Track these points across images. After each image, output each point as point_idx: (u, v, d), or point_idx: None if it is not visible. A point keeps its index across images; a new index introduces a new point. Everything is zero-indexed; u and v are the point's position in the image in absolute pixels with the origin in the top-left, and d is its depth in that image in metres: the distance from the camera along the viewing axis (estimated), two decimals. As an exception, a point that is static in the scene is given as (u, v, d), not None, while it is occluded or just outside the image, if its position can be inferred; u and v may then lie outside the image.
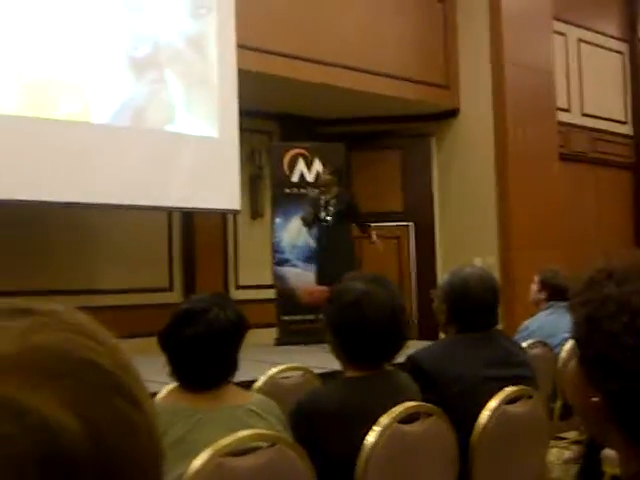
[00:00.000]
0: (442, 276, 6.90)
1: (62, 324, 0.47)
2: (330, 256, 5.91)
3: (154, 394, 2.27)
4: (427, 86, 7.34)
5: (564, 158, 7.88)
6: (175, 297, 6.45)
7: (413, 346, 2.62)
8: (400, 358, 2.23)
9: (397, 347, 2.05)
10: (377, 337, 2.00)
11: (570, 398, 0.96)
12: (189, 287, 6.70)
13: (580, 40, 8.64)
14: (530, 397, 2.37)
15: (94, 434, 0.42)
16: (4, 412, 0.40)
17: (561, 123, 7.87)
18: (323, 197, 6.13)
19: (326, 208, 6.08)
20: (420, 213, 7.96)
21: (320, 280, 5.91)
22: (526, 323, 3.98)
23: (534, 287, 4.14)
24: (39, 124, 5.01)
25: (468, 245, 7.29)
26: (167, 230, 6.81)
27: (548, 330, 3.73)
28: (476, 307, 2.49)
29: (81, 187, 5.14)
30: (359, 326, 2.00)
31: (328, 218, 6.05)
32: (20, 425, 0.40)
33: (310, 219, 6.13)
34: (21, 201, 5.00)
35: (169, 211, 6.46)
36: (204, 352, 1.81)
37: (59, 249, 5.99)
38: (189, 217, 6.77)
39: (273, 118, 7.47)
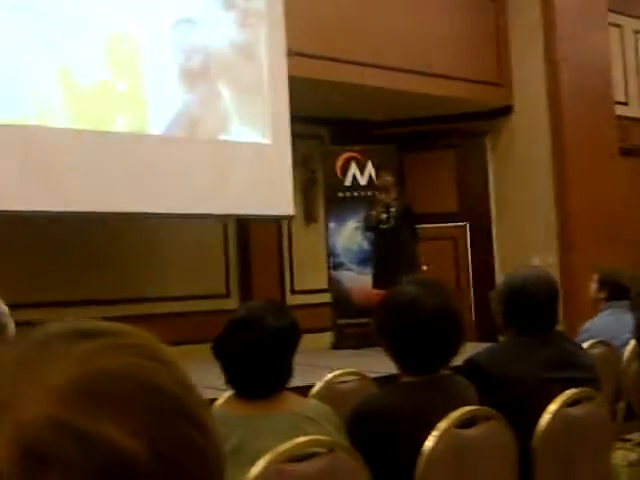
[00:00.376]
0: (500, 277, 6.82)
1: (125, 347, 0.46)
2: (390, 259, 5.85)
3: (213, 400, 2.30)
4: (480, 84, 7.26)
5: (624, 152, 7.69)
6: (232, 303, 6.52)
7: (471, 348, 2.59)
8: (458, 361, 2.21)
9: (451, 352, 2.03)
10: (429, 342, 1.98)
11: (633, 399, 0.94)
12: (246, 293, 6.77)
13: (636, 32, 8.42)
14: (592, 399, 2.32)
15: (162, 459, 0.42)
16: (71, 439, 0.40)
17: (619, 117, 7.68)
18: (383, 199, 6.10)
19: (387, 210, 6.05)
20: (476, 213, 7.87)
21: (377, 283, 5.88)
22: (587, 325, 3.87)
23: (593, 286, 4.04)
24: (97, 137, 5.14)
25: (526, 244, 7.18)
26: (223, 237, 6.89)
27: (610, 332, 3.63)
28: (534, 308, 2.45)
29: (138, 197, 5.25)
30: (410, 331, 1.99)
31: (390, 220, 6.01)
32: (88, 452, 0.40)
33: (374, 221, 6.10)
34: (82, 213, 5.13)
35: (225, 218, 6.53)
36: (258, 360, 1.82)
37: (118, 259, 6.12)
38: (244, 224, 6.84)
39: (325, 122, 7.49)
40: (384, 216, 6.02)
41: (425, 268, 6.28)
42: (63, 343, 0.45)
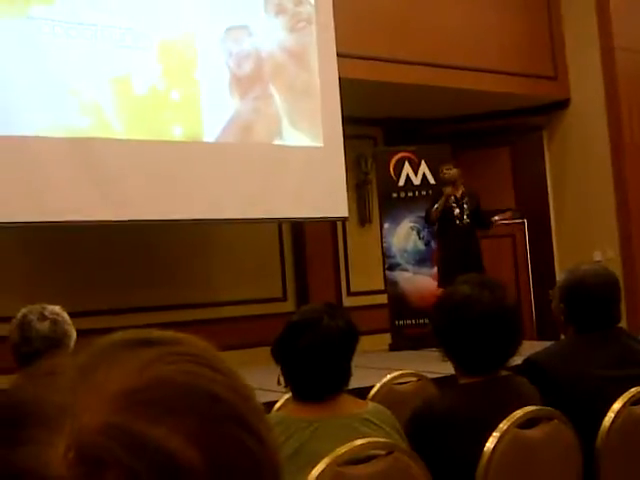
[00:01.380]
0: (560, 273, 6.69)
1: (182, 355, 0.47)
2: (462, 258, 5.52)
3: (271, 404, 2.32)
4: (534, 78, 7.15)
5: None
6: (289, 306, 6.56)
7: (533, 347, 2.56)
8: (518, 361, 2.18)
9: (508, 352, 1.99)
10: (484, 342, 1.95)
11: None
12: (302, 296, 6.80)
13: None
14: (658, 397, 2.26)
15: (218, 468, 0.42)
16: (129, 445, 0.41)
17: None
18: (450, 193, 5.77)
19: (460, 206, 5.77)
20: (534, 209, 7.75)
21: (444, 284, 5.23)
22: None
23: None
24: (153, 146, 5.24)
25: (586, 239, 7.04)
26: (278, 241, 6.94)
27: None
28: (594, 305, 2.40)
29: (193, 204, 5.33)
30: (463, 331, 1.96)
31: (464, 217, 5.73)
32: (144, 458, 0.40)
33: (434, 216, 5.76)
34: (140, 221, 5.24)
35: (280, 222, 6.58)
36: (317, 362, 1.83)
37: (175, 265, 6.22)
38: (299, 227, 6.87)
39: (377, 123, 7.48)
40: (457, 211, 5.73)
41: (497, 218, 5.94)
42: (122, 352, 0.46)
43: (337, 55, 5.94)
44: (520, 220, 7.81)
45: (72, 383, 0.45)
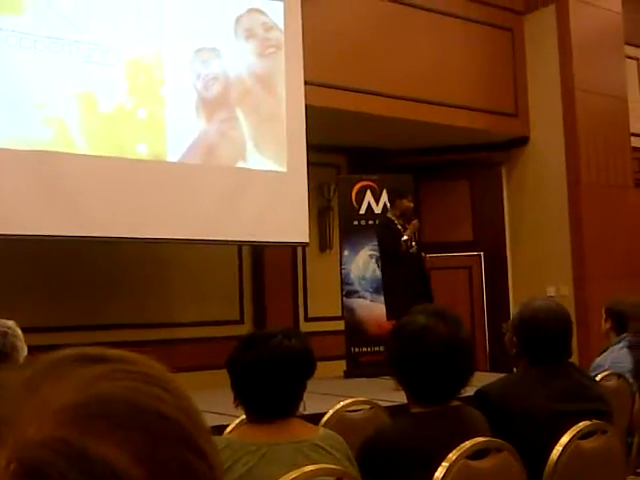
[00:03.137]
0: (514, 306, 6.76)
1: (129, 373, 0.46)
2: (411, 287, 5.50)
3: (224, 427, 2.31)
4: (496, 115, 7.30)
5: (639, 184, 7.68)
6: (245, 329, 6.50)
7: (484, 379, 2.59)
8: (470, 392, 2.20)
9: (461, 382, 2.01)
10: (437, 372, 1.96)
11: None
12: (259, 319, 6.78)
13: (653, 64, 8.44)
14: (605, 432, 2.30)
15: None
16: (73, 460, 0.40)
17: (636, 149, 7.68)
18: (402, 224, 5.72)
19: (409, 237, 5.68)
20: (491, 242, 7.87)
21: (393, 314, 5.39)
22: (598, 361, 3.73)
23: (603, 318, 3.93)
24: (115, 163, 5.21)
25: (541, 274, 7.15)
26: (237, 264, 6.92)
27: (622, 366, 3.57)
28: (546, 338, 2.44)
29: (154, 223, 5.30)
30: (418, 361, 1.97)
31: (413, 244, 5.68)
32: (88, 473, 0.40)
33: (405, 247, 5.62)
34: (99, 238, 5.18)
35: (240, 245, 6.57)
36: (265, 377, 1.83)
37: (133, 284, 6.16)
38: (259, 250, 6.87)
39: (341, 151, 7.55)
40: (405, 242, 5.65)
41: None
42: (70, 367, 0.46)
43: (304, 82, 5.99)
44: (477, 253, 7.92)
45: (17, 396, 0.44)
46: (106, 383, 0.45)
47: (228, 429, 2.17)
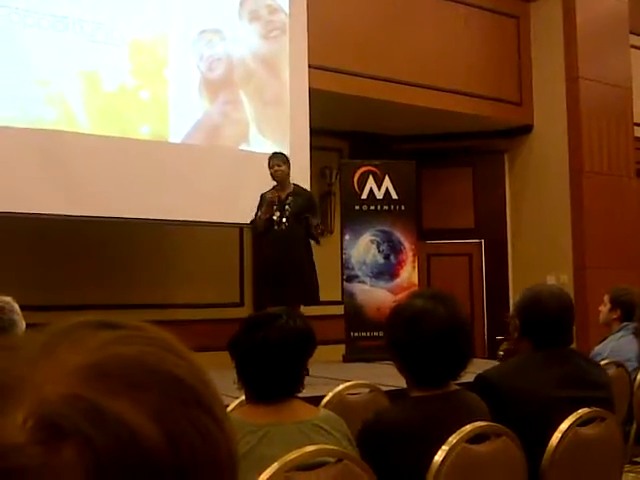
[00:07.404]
0: (513, 294, 6.73)
1: (146, 338, 0.47)
2: (276, 269, 4.91)
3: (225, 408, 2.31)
4: (500, 103, 7.27)
5: (641, 174, 7.67)
6: (245, 312, 6.51)
7: (483, 366, 2.59)
8: (470, 377, 2.21)
9: (459, 366, 2.01)
10: (436, 355, 1.96)
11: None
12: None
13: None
14: (604, 419, 2.31)
15: (175, 444, 0.42)
16: (89, 416, 0.41)
17: (638, 139, 7.66)
18: (276, 197, 4.91)
19: (281, 208, 4.90)
20: (492, 230, 7.86)
21: (257, 301, 4.55)
22: (597, 349, 3.76)
23: (604, 308, 3.91)
24: (119, 143, 5.19)
25: (541, 263, 7.15)
26: (239, 246, 6.91)
27: (622, 354, 3.57)
28: (549, 322, 2.44)
29: (156, 204, 5.29)
30: (416, 344, 1.96)
31: (283, 220, 4.89)
32: (104, 429, 0.40)
33: (261, 225, 4.92)
34: (101, 218, 5.18)
35: (241, 227, 6.56)
36: (271, 359, 1.83)
37: (134, 264, 6.16)
38: (260, 233, 6.85)
39: (344, 136, 7.52)
40: (277, 215, 4.87)
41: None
42: (86, 331, 0.47)
43: (308, 66, 5.96)
44: (478, 240, 7.91)
45: (34, 357, 0.44)
46: (122, 346, 0.46)
47: (228, 409, 2.17)
